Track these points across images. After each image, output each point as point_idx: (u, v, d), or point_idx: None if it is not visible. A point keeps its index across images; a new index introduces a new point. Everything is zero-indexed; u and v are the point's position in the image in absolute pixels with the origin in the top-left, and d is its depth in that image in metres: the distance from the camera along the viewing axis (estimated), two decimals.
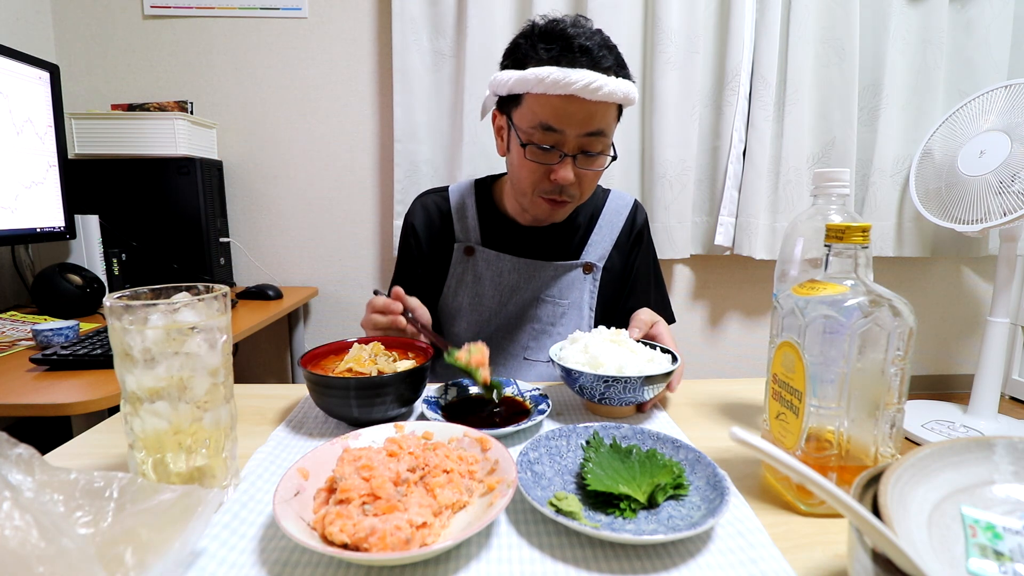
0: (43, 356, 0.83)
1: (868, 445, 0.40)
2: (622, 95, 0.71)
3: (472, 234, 0.90)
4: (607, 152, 0.76)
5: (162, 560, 0.31)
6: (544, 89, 0.69)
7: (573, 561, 0.36)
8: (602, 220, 0.91)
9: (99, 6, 1.69)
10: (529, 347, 0.89)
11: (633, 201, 0.95)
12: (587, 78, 0.67)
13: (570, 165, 0.73)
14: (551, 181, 0.75)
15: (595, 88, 0.68)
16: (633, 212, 0.93)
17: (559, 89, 0.68)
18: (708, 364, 2.02)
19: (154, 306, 0.38)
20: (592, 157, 0.75)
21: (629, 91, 0.72)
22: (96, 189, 1.49)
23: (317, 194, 1.83)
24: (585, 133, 0.72)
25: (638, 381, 0.55)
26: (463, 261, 0.90)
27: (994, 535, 0.29)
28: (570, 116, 0.70)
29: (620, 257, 0.92)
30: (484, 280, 0.89)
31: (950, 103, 1.81)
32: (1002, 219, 1.47)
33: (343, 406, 0.54)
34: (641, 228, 0.94)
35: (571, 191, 0.77)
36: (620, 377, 0.55)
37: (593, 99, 0.69)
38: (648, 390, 0.57)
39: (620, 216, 0.92)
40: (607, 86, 0.68)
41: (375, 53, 1.77)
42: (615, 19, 1.67)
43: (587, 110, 0.70)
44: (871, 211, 1.84)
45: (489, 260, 0.88)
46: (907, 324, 0.39)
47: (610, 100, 0.70)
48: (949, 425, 1.69)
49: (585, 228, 0.91)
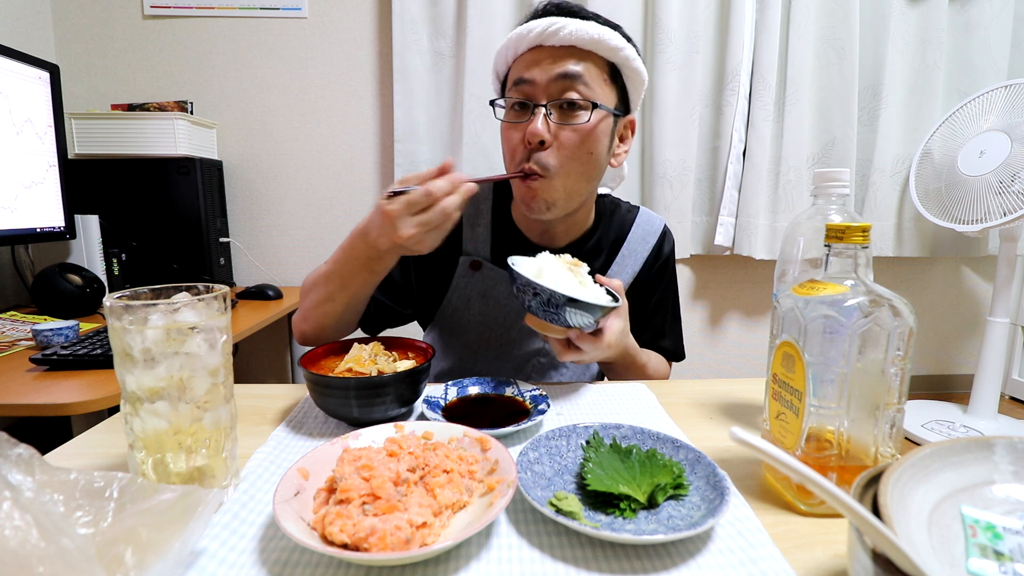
0: (43, 356, 0.83)
1: (868, 445, 0.40)
2: (589, 37, 0.65)
3: (481, 247, 0.81)
4: (587, 108, 0.66)
5: (162, 560, 0.31)
6: (514, 50, 0.68)
7: (573, 561, 0.36)
8: (626, 248, 0.83)
9: (99, 6, 1.69)
10: (532, 377, 0.82)
11: (663, 227, 0.86)
12: (546, 22, 0.65)
13: (541, 117, 0.65)
14: (525, 147, 0.67)
15: (555, 30, 0.64)
16: (661, 240, 0.85)
17: (525, 43, 0.67)
18: (708, 364, 2.02)
19: (154, 306, 0.38)
20: (570, 111, 0.66)
21: (600, 34, 0.65)
22: (96, 189, 1.49)
23: (317, 194, 1.83)
24: (555, 76, 0.65)
25: (561, 299, 0.55)
26: (468, 275, 0.80)
27: (994, 535, 0.29)
28: (538, 63, 0.66)
29: (641, 287, 0.84)
30: (489, 301, 0.80)
31: (950, 103, 1.81)
32: (1002, 219, 1.47)
33: (343, 406, 0.54)
34: (668, 258, 0.86)
35: (545, 159, 0.66)
36: (546, 288, 0.55)
37: (556, 43, 0.65)
38: (571, 314, 0.56)
39: (647, 244, 0.83)
40: (568, 26, 0.64)
41: (375, 53, 1.77)
42: (615, 19, 1.66)
43: (555, 56, 0.66)
44: (871, 211, 1.84)
45: (496, 279, 0.79)
46: (907, 324, 0.39)
47: (575, 42, 0.65)
48: (949, 425, 1.69)
49: (608, 254, 0.82)
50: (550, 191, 0.69)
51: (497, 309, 0.80)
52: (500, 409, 0.60)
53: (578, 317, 0.58)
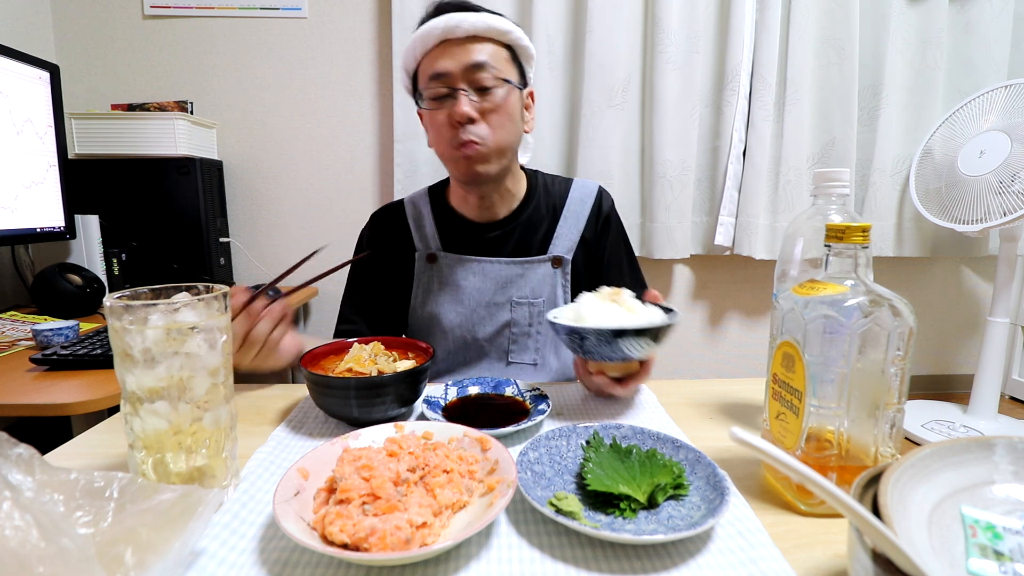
0: (43, 356, 0.83)
1: (868, 445, 0.40)
2: (485, 25, 0.75)
3: (431, 241, 0.88)
4: (500, 85, 0.76)
5: (162, 560, 0.31)
6: (422, 47, 0.77)
7: (573, 561, 0.36)
8: (566, 211, 0.89)
9: (99, 6, 1.69)
10: (511, 350, 0.87)
11: (597, 188, 0.93)
12: (447, 18, 0.74)
13: (464, 99, 0.74)
14: (454, 127, 0.75)
15: (455, 24, 0.73)
16: (599, 199, 0.91)
17: (432, 39, 0.75)
18: (708, 364, 2.02)
19: (154, 306, 0.38)
20: (487, 91, 0.76)
21: (495, 23, 0.75)
22: (96, 189, 1.49)
23: (317, 194, 1.83)
24: (467, 65, 0.74)
25: (607, 334, 0.53)
26: (427, 270, 0.88)
27: (994, 535, 0.29)
28: (449, 55, 0.75)
29: (589, 246, 0.89)
30: (450, 286, 0.87)
31: (950, 103, 1.81)
32: (1002, 219, 1.47)
33: (343, 406, 0.54)
34: (608, 213, 0.91)
35: (476, 130, 0.75)
36: (589, 329, 0.54)
37: (460, 35, 0.74)
38: (627, 345, 0.54)
39: (585, 205, 0.90)
40: (467, 20, 0.74)
41: (375, 53, 1.77)
42: (615, 19, 1.67)
43: (462, 47, 0.75)
44: (871, 211, 1.84)
45: (452, 264, 0.87)
46: (907, 324, 0.39)
47: (475, 32, 0.74)
48: (949, 425, 1.69)
49: (549, 221, 0.89)
50: (485, 155, 0.78)
51: (458, 292, 0.87)
52: (500, 409, 0.60)
53: (634, 345, 0.55)
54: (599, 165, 1.74)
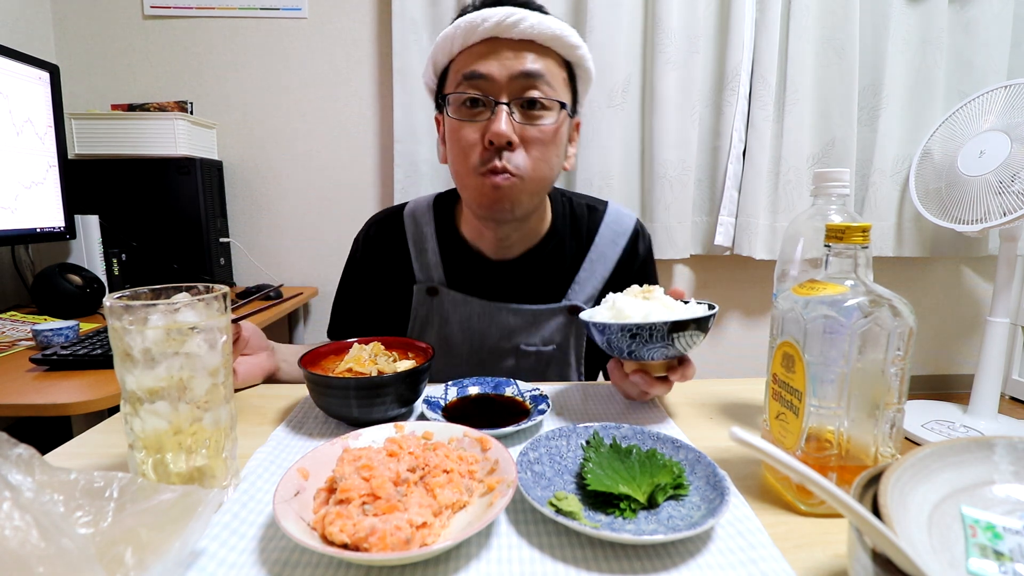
0: (43, 356, 0.83)
1: (868, 445, 0.40)
2: (551, 33, 0.60)
3: (434, 272, 0.76)
4: (551, 107, 0.62)
5: (162, 560, 0.31)
6: (462, 40, 0.61)
7: (573, 561, 0.36)
8: (593, 252, 0.76)
9: (99, 6, 1.69)
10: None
11: (634, 225, 0.78)
12: (502, 12, 0.59)
13: (504, 116, 0.60)
14: (487, 148, 0.61)
15: (513, 22, 0.58)
16: (633, 241, 0.77)
17: (477, 34, 0.60)
18: (708, 364, 2.02)
19: (154, 306, 0.38)
20: (534, 111, 0.62)
21: (561, 30, 0.61)
22: (96, 189, 1.49)
23: (317, 194, 1.83)
24: (517, 74, 0.60)
25: (664, 327, 0.50)
26: (426, 303, 0.76)
27: (994, 535, 0.29)
28: (495, 56, 0.60)
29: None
30: (451, 323, 0.76)
31: (950, 103, 1.81)
32: (1002, 219, 1.47)
33: (343, 406, 0.54)
34: (644, 260, 0.77)
35: (514, 159, 0.61)
36: (644, 324, 0.51)
37: (514, 36, 0.60)
38: (679, 339, 0.52)
39: (616, 247, 0.76)
40: (528, 19, 0.59)
41: (375, 53, 1.77)
42: (615, 19, 1.67)
43: (515, 51, 0.60)
44: (871, 211, 1.84)
45: (455, 303, 0.75)
46: (907, 324, 0.39)
47: (535, 37, 0.60)
48: (949, 425, 1.69)
49: (572, 260, 0.76)
50: (518, 192, 0.64)
51: (461, 332, 0.76)
52: (500, 409, 0.60)
53: (687, 339, 0.53)
54: (599, 165, 1.75)
